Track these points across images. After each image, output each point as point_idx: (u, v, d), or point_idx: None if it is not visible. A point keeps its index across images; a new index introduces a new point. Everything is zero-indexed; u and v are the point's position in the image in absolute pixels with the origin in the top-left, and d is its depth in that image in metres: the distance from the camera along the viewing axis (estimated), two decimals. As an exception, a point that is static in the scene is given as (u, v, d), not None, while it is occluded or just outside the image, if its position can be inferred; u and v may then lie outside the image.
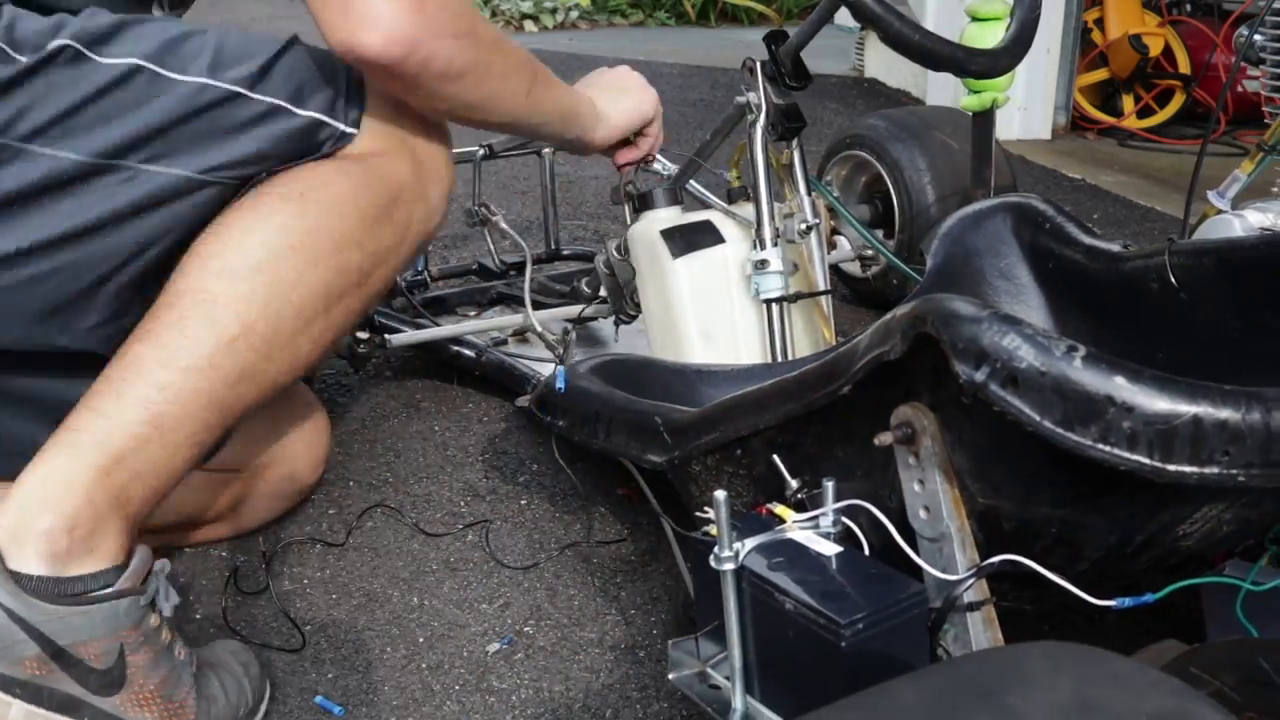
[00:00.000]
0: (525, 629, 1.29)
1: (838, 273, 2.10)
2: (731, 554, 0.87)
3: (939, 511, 0.87)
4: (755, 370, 1.32)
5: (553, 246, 2.21)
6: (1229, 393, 0.75)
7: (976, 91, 1.55)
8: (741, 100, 1.46)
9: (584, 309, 1.74)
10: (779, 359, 1.40)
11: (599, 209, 2.91)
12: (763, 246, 1.42)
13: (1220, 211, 1.93)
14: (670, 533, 1.16)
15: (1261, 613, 0.93)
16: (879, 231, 2.04)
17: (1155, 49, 3.81)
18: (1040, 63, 3.71)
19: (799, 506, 0.96)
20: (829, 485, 0.92)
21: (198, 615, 1.31)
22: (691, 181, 1.72)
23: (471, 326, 1.86)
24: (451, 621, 1.31)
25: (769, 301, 1.41)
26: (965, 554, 0.87)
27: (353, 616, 1.31)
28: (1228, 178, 2.05)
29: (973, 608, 0.86)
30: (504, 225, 1.91)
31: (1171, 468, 0.74)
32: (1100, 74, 3.96)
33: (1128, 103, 3.94)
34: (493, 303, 2.08)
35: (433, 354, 1.89)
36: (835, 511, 0.92)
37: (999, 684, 0.39)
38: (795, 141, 1.48)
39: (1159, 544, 0.88)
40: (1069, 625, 1.23)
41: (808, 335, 1.48)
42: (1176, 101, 3.92)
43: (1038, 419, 0.76)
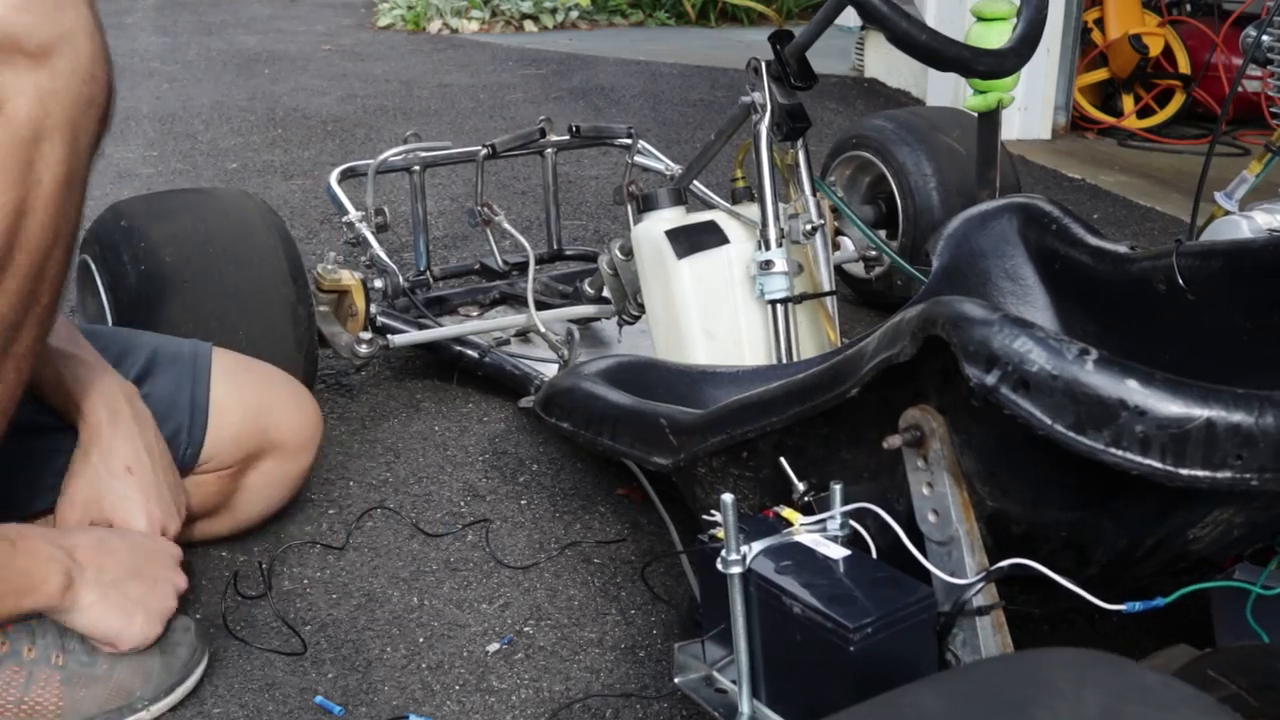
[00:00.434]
0: (525, 629, 1.29)
1: (841, 273, 2.09)
2: (739, 557, 0.87)
3: (948, 515, 0.87)
4: (760, 372, 1.31)
5: (555, 247, 2.20)
6: (1242, 396, 0.74)
7: (982, 92, 1.55)
8: (746, 100, 1.45)
9: (586, 309, 1.74)
10: (784, 360, 1.39)
11: (599, 208, 2.90)
12: (767, 247, 1.41)
13: (1228, 212, 1.92)
14: (675, 536, 1.15)
15: (1271, 617, 0.93)
16: (882, 232, 2.03)
17: (1155, 49, 3.81)
18: (1040, 63, 3.70)
19: (806, 509, 0.95)
20: (836, 488, 0.92)
21: (198, 616, 1.30)
22: (695, 182, 1.71)
23: (474, 327, 1.86)
24: (451, 621, 1.30)
25: (774, 302, 1.41)
26: (974, 558, 0.86)
27: (353, 617, 1.31)
28: (1235, 179, 2.04)
29: (982, 612, 0.86)
30: (506, 225, 1.90)
31: (1184, 472, 0.74)
32: (1100, 74, 3.96)
33: (1128, 103, 3.94)
34: (495, 303, 2.07)
35: (435, 354, 1.88)
36: (843, 514, 0.92)
37: (1024, 695, 0.39)
38: (800, 142, 1.47)
39: (1169, 548, 0.88)
40: (1071, 626, 1.23)
41: (812, 336, 1.47)
42: (1176, 101, 3.92)
43: (1049, 423, 0.76)
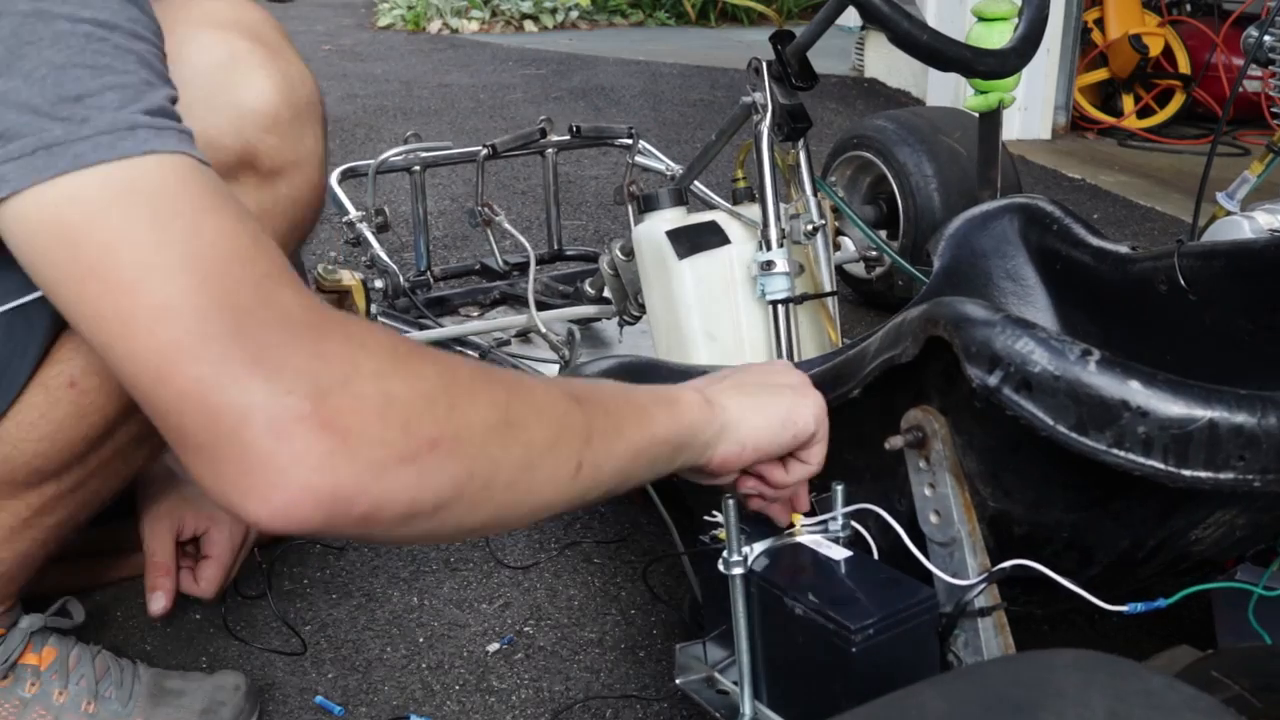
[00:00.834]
0: (525, 629, 1.29)
1: (841, 273, 2.09)
2: (740, 558, 0.87)
3: (950, 516, 0.87)
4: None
5: (555, 247, 2.20)
6: (1244, 397, 0.74)
7: (983, 92, 1.54)
8: (747, 100, 1.45)
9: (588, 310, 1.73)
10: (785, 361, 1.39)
11: (598, 208, 2.90)
12: (768, 247, 1.41)
13: (1229, 213, 1.92)
14: (676, 536, 1.15)
15: (1273, 618, 0.93)
16: (882, 232, 2.03)
17: (1155, 49, 3.81)
18: (1040, 63, 3.70)
19: (808, 510, 0.95)
20: (838, 489, 0.91)
21: (197, 617, 1.30)
22: (696, 182, 1.71)
23: (475, 327, 1.86)
24: (451, 621, 1.30)
25: (775, 303, 1.40)
26: (976, 559, 0.86)
27: (353, 617, 1.31)
28: (1236, 179, 2.04)
29: (984, 613, 0.85)
30: (507, 225, 1.90)
31: (1187, 473, 0.74)
32: (1100, 74, 3.96)
33: (1128, 103, 3.94)
34: (496, 303, 2.07)
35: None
36: (844, 515, 0.92)
37: (1028, 698, 0.39)
38: (801, 142, 1.47)
39: (1171, 549, 0.87)
40: (1071, 626, 1.23)
41: (813, 337, 1.47)
42: (1176, 101, 3.92)
43: (1051, 424, 0.76)
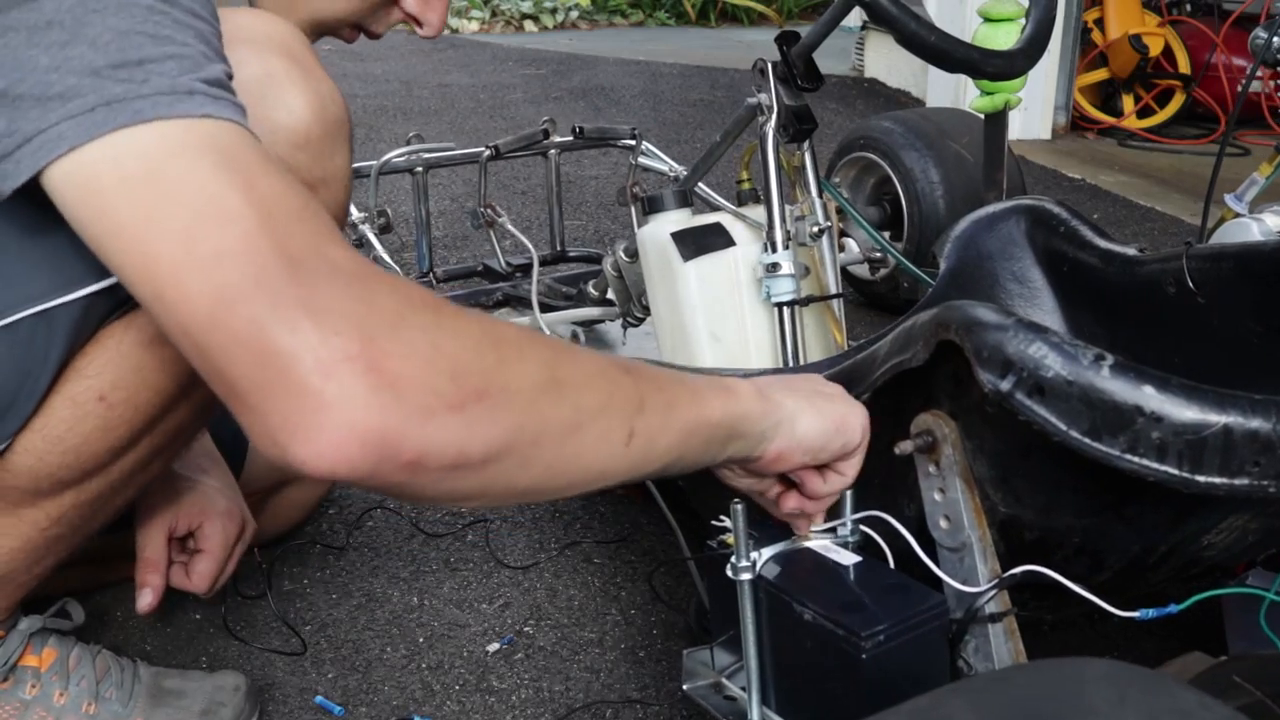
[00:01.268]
0: (525, 629, 1.28)
1: (845, 275, 2.08)
2: (749, 564, 0.86)
3: (960, 521, 0.86)
4: (767, 375, 1.30)
5: (558, 248, 2.19)
6: (1259, 402, 0.73)
7: (989, 93, 1.54)
8: (753, 101, 1.44)
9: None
10: (790, 363, 1.38)
11: (599, 208, 2.90)
12: (774, 249, 1.40)
13: (1238, 215, 1.92)
14: (682, 540, 1.14)
15: (1285, 623, 0.92)
16: (887, 233, 2.03)
17: (1155, 49, 3.81)
18: (1040, 63, 3.68)
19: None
20: (847, 493, 0.91)
21: (197, 617, 1.30)
22: (700, 184, 1.70)
23: (476, 328, 1.84)
24: (451, 621, 1.30)
25: (780, 305, 1.40)
26: (986, 564, 0.85)
27: (353, 617, 1.30)
28: (1245, 181, 2.03)
29: (994, 619, 0.85)
30: (509, 226, 1.89)
31: (1201, 479, 0.73)
32: (1100, 74, 3.96)
33: (1128, 103, 3.94)
34: (499, 304, 2.06)
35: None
36: (853, 521, 0.91)
37: (1059, 712, 0.38)
38: (806, 143, 1.46)
39: (1182, 554, 0.87)
40: (1074, 628, 1.22)
41: (819, 339, 1.46)
42: (1176, 101, 3.92)
43: (1064, 429, 0.75)
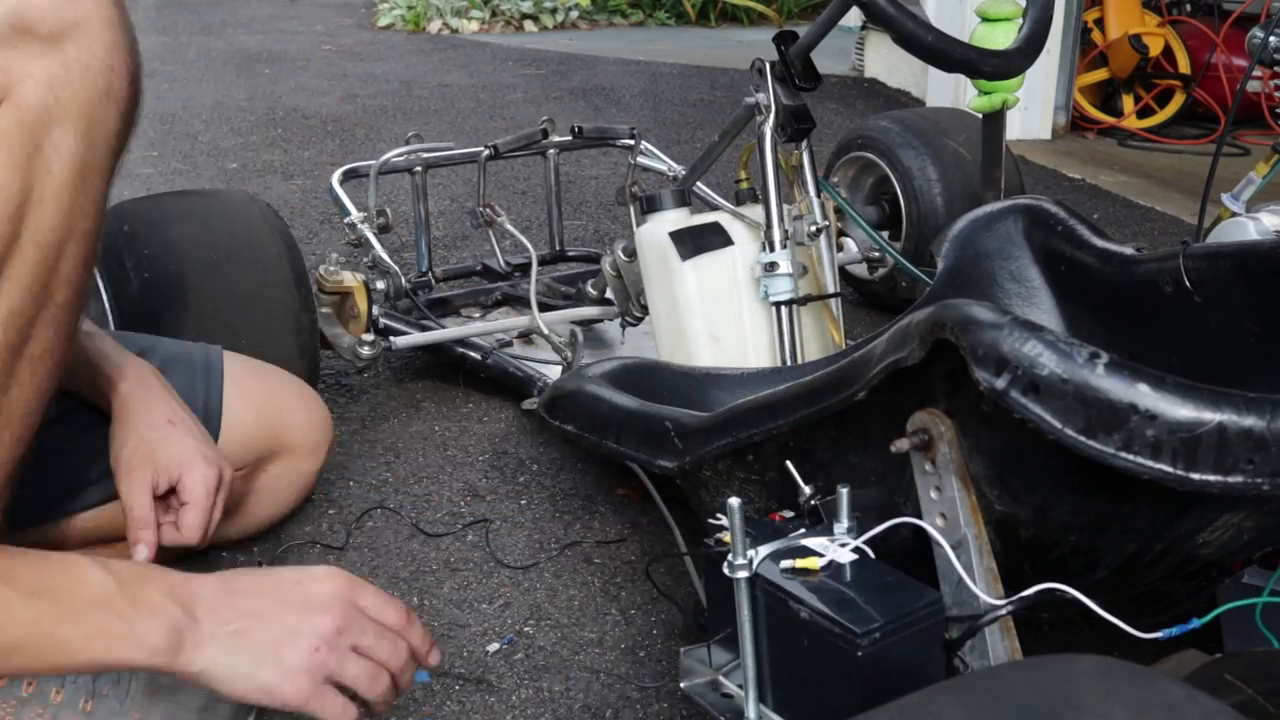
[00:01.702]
0: (525, 629, 1.28)
1: (843, 274, 2.08)
2: (745, 561, 0.86)
3: (956, 519, 0.86)
4: (765, 374, 1.31)
5: (557, 248, 2.19)
6: (1254, 400, 0.73)
7: (987, 93, 1.54)
8: (751, 101, 1.45)
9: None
10: (788, 362, 1.39)
11: (599, 208, 2.90)
12: (772, 249, 1.40)
13: (1235, 214, 1.92)
14: (680, 539, 1.14)
15: (1280, 622, 0.92)
16: (885, 233, 2.03)
17: (1155, 49, 3.81)
18: (1040, 63, 3.65)
19: (813, 513, 0.95)
20: (843, 492, 0.91)
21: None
22: (699, 183, 1.71)
23: (477, 329, 1.85)
24: (451, 621, 1.30)
25: (778, 304, 1.40)
26: (983, 561, 0.86)
27: (355, 619, 1.31)
28: (1242, 180, 2.03)
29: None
30: (508, 226, 1.89)
31: (1195, 477, 0.73)
32: (1100, 74, 3.96)
33: (1128, 103, 3.94)
34: (497, 304, 2.06)
35: (438, 356, 1.87)
36: (851, 518, 0.91)
37: (1050, 709, 0.38)
38: (804, 143, 1.47)
39: (1178, 552, 0.87)
40: (1073, 627, 1.22)
41: (817, 338, 1.47)
42: (1176, 101, 3.92)
43: (1059, 427, 0.75)
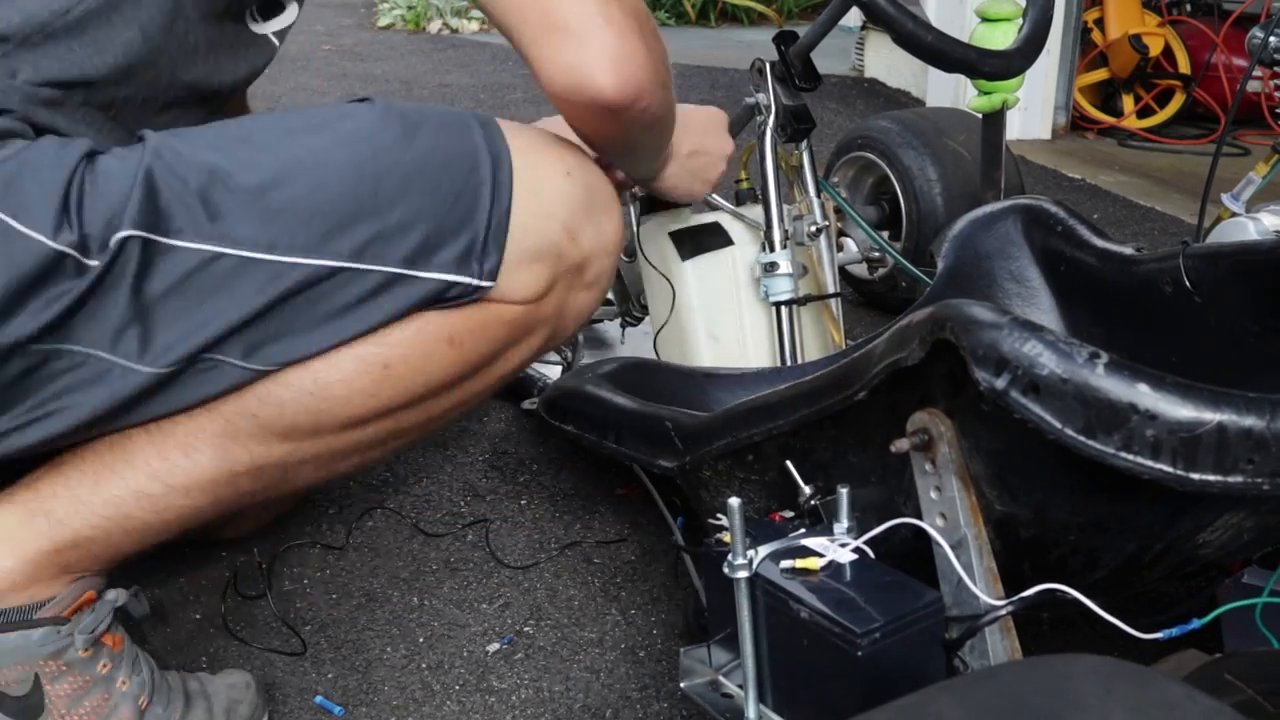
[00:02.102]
0: (525, 629, 1.28)
1: (843, 274, 2.08)
2: (745, 561, 0.86)
3: (955, 519, 0.86)
4: (765, 374, 1.31)
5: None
6: (1253, 400, 0.73)
7: (987, 93, 1.54)
8: (751, 101, 1.45)
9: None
10: (788, 362, 1.39)
11: (599, 207, 2.89)
12: (772, 249, 1.40)
13: (1234, 214, 1.92)
14: (680, 539, 1.14)
15: (1280, 622, 0.92)
16: (885, 233, 2.03)
17: (1155, 49, 3.81)
18: (1040, 63, 3.65)
19: (813, 513, 0.95)
20: (843, 491, 0.91)
21: (197, 617, 1.30)
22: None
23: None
24: (451, 621, 1.30)
25: (778, 304, 1.40)
26: (982, 561, 0.86)
27: (353, 617, 1.30)
28: (1241, 180, 2.03)
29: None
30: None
31: (1195, 476, 0.73)
32: (1100, 74, 3.96)
33: (1128, 103, 3.94)
34: (495, 302, 2.05)
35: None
36: (851, 518, 0.91)
37: (1047, 707, 0.38)
38: (805, 143, 1.47)
39: (1178, 552, 0.87)
40: (1073, 627, 1.22)
41: (817, 338, 1.47)
42: (1176, 101, 3.92)
43: (1059, 427, 0.75)
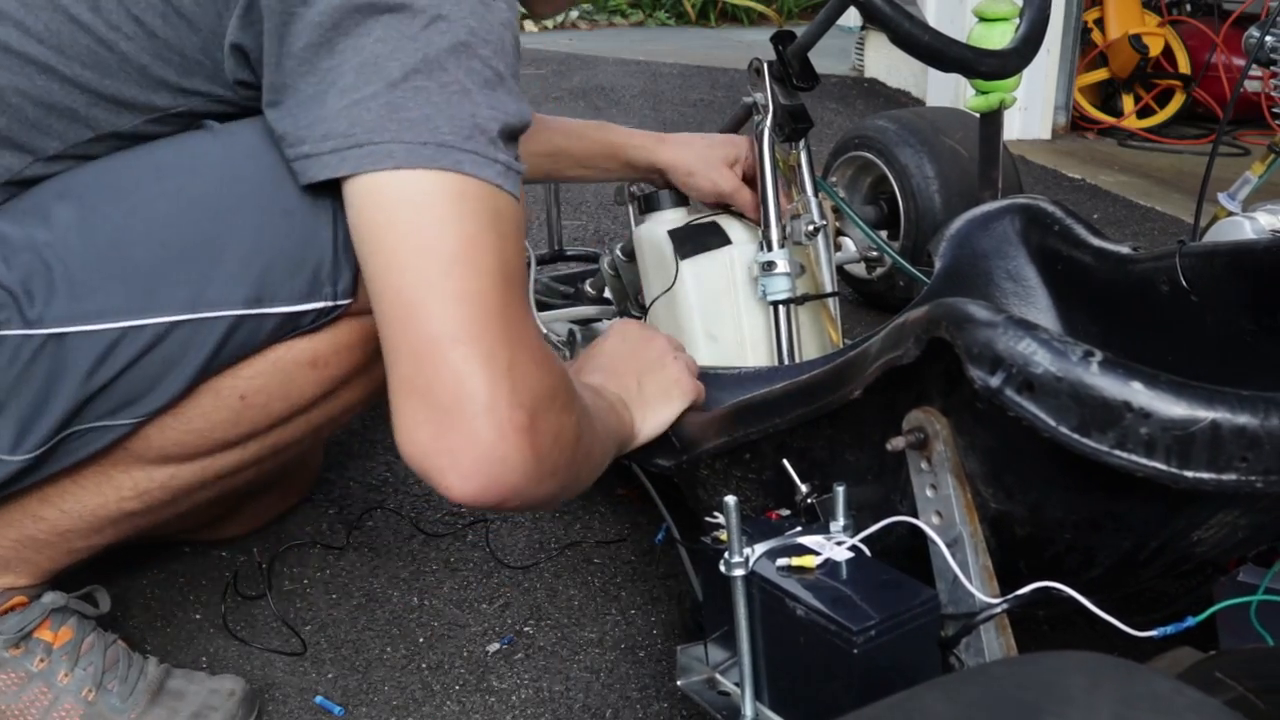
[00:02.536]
0: (525, 629, 1.29)
1: (842, 274, 2.09)
2: (742, 559, 0.87)
3: (951, 517, 0.86)
4: (763, 373, 1.31)
5: (556, 247, 2.19)
6: (1247, 398, 0.74)
7: (984, 92, 1.54)
8: (749, 101, 1.45)
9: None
10: (786, 361, 1.39)
11: (599, 208, 2.90)
12: (769, 248, 1.41)
13: (1231, 213, 1.92)
14: (677, 537, 1.15)
15: (1275, 619, 0.92)
16: (883, 232, 2.03)
17: (1155, 49, 3.81)
18: (1040, 63, 3.69)
19: (809, 511, 0.95)
20: (839, 490, 0.91)
21: (197, 617, 1.30)
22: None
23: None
24: (451, 621, 1.30)
25: (776, 303, 1.40)
26: (978, 559, 0.86)
27: (353, 617, 1.31)
28: (1238, 179, 2.03)
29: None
30: (507, 225, 1.89)
31: (1189, 474, 0.74)
32: (1100, 74, 3.96)
33: (1128, 103, 3.94)
34: (495, 302, 2.05)
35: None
36: (847, 516, 0.92)
37: (1035, 702, 0.38)
38: (802, 142, 1.47)
39: (1173, 550, 0.87)
40: (1071, 625, 1.23)
41: (815, 337, 1.47)
42: (1176, 101, 3.92)
43: (1053, 425, 0.75)
